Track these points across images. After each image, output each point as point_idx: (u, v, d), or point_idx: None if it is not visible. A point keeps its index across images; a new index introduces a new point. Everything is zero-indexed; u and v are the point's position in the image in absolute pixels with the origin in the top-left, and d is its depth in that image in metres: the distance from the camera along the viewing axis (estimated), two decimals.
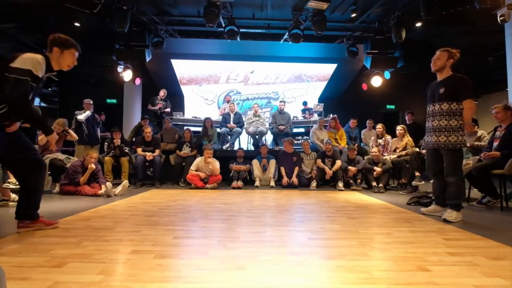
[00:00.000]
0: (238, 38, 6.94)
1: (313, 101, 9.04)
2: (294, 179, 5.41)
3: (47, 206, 3.43)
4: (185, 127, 6.43)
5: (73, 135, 5.02)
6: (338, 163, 5.42)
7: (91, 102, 5.88)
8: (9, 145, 2.25)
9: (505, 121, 3.58)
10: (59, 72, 2.43)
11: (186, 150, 5.89)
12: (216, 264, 1.67)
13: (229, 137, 6.99)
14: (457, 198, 2.79)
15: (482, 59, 8.53)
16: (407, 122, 6.47)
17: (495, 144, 3.63)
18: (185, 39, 7.82)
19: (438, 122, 2.86)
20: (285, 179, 5.43)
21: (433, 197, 3.18)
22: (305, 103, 8.68)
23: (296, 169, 5.52)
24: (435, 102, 2.89)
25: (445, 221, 2.72)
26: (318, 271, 1.61)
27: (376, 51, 7.70)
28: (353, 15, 6.77)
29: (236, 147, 6.80)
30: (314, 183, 5.37)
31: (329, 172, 5.37)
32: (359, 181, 5.44)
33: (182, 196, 4.32)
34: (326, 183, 5.63)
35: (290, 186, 5.37)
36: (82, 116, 5.66)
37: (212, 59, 9.31)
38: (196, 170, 5.31)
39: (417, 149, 5.12)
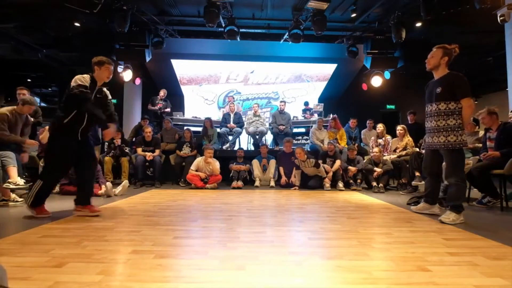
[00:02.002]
0: (238, 38, 6.94)
1: (313, 101, 9.04)
2: (293, 178, 5.41)
3: (47, 206, 3.43)
4: (185, 127, 6.43)
5: None
6: (338, 163, 5.42)
7: None
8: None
9: (494, 125, 3.63)
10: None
11: (186, 150, 5.89)
12: (216, 264, 1.67)
13: (229, 137, 7.00)
14: (457, 199, 2.70)
15: (482, 59, 8.53)
16: (409, 122, 6.47)
17: (490, 144, 3.65)
18: (185, 39, 7.82)
19: (436, 122, 2.78)
20: (283, 179, 5.43)
21: (423, 194, 3.15)
22: (306, 103, 8.68)
23: (295, 168, 5.51)
24: (433, 102, 2.81)
25: (441, 222, 2.66)
26: (318, 271, 1.61)
27: (376, 51, 7.70)
28: (353, 15, 6.77)
29: (236, 147, 6.80)
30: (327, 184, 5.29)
31: (327, 180, 5.31)
32: (359, 181, 5.43)
33: (182, 196, 4.31)
34: None
35: (289, 185, 5.37)
36: None
37: (212, 59, 9.30)
38: (196, 170, 5.31)
39: (417, 149, 5.12)
